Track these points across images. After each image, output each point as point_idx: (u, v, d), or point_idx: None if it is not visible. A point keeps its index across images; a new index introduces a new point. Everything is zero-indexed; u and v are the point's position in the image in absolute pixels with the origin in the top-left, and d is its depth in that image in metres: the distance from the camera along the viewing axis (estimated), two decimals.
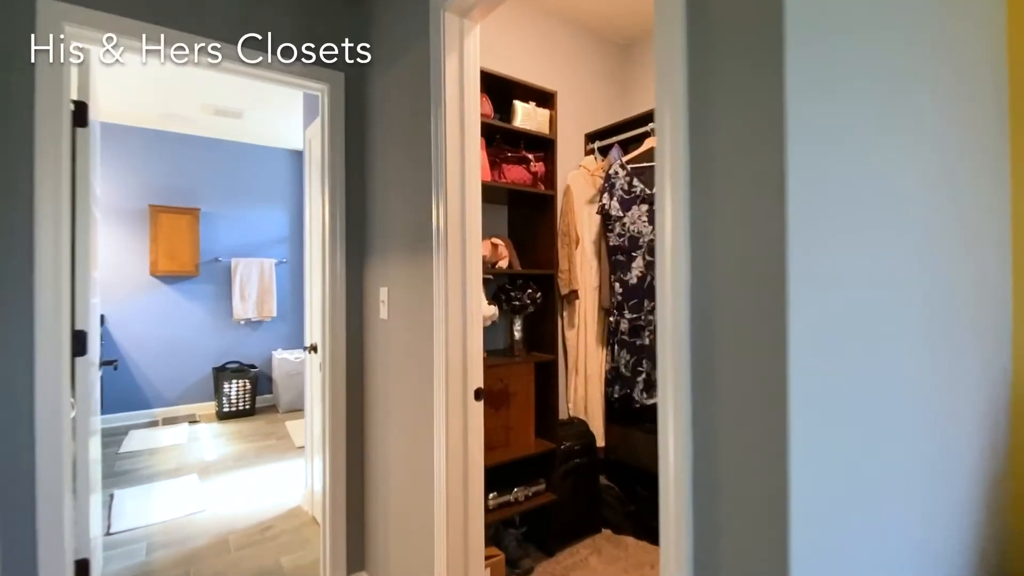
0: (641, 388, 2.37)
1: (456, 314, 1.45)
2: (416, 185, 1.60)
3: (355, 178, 2.01)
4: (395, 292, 1.75)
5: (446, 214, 1.45)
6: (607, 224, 2.46)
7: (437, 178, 1.47)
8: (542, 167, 2.15)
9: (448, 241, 1.45)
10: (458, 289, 1.46)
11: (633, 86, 2.94)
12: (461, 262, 1.47)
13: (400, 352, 1.72)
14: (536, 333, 2.29)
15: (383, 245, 1.85)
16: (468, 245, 1.48)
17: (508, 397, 2.10)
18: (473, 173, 1.50)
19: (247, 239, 5.03)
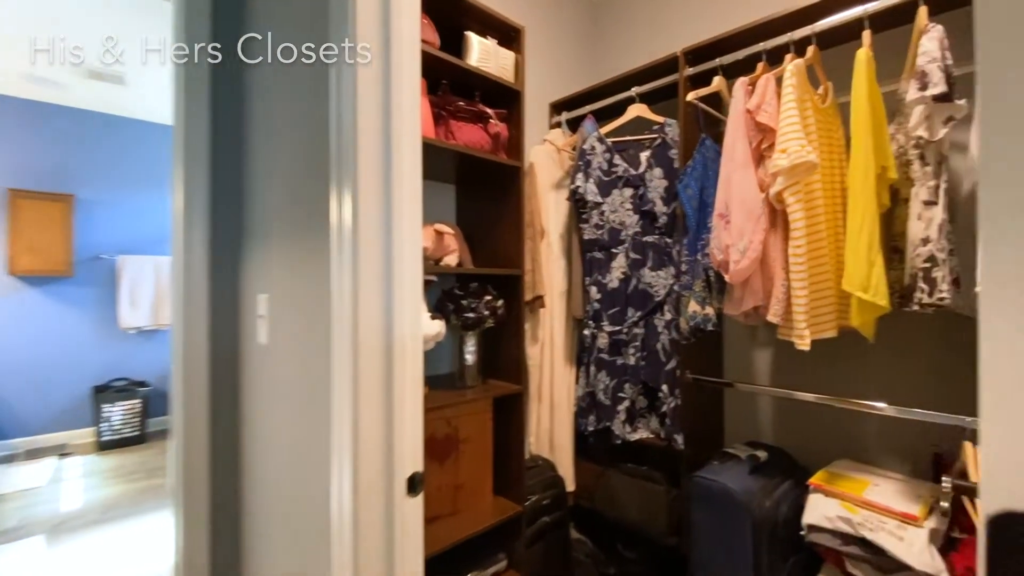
0: (623, 419, 1.74)
1: (373, 346, 0.72)
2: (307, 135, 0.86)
3: (227, 140, 1.22)
4: (279, 304, 0.99)
5: (355, 182, 0.73)
6: (581, 212, 1.81)
7: (339, 121, 0.74)
8: (504, 129, 1.46)
9: (360, 232, 0.73)
10: (378, 305, 0.74)
11: (608, 46, 2.33)
12: (383, 264, 0.75)
13: (284, 405, 0.96)
14: (495, 354, 1.60)
15: (264, 231, 1.09)
16: (399, 236, 0.76)
17: (457, 445, 1.39)
18: (408, 121, 0.78)
19: (137, 233, 3.92)
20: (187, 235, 1.19)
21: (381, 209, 0.75)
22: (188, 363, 1.17)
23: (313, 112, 0.83)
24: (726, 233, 1.30)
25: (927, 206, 1.09)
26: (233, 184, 1.21)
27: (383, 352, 0.73)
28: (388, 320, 0.73)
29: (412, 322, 0.77)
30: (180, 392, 1.14)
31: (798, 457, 1.61)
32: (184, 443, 1.17)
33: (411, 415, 0.77)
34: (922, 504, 1.17)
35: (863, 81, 1.15)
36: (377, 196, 0.74)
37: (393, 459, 0.73)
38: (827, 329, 1.24)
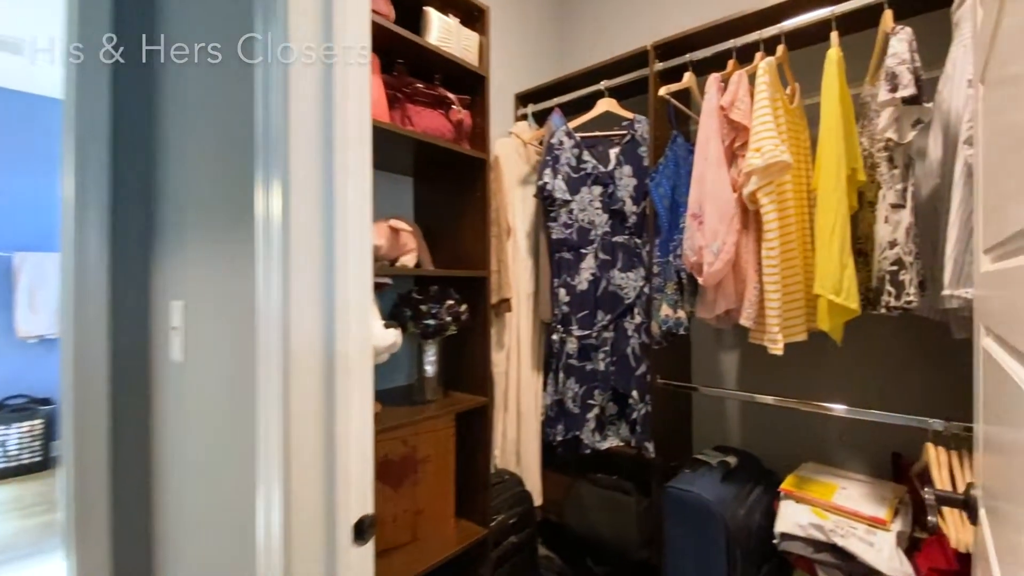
0: (593, 427, 1.71)
1: (309, 365, 0.62)
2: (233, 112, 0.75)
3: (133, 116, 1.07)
4: (198, 314, 0.86)
5: (286, 168, 0.63)
6: (549, 210, 1.76)
7: (266, 92, 0.64)
8: (468, 117, 1.38)
9: (292, 228, 0.63)
10: (316, 314, 0.64)
11: (576, 37, 2.30)
12: (323, 266, 0.65)
13: (205, 436, 0.84)
14: (458, 363, 1.51)
15: (179, 226, 0.95)
16: (343, 232, 0.67)
17: (416, 466, 1.30)
18: (354, 95, 0.69)
19: (38, 227, 3.51)
20: (80, 229, 1.02)
21: (320, 200, 0.65)
22: (82, 381, 1.01)
23: (239, 82, 0.72)
24: (699, 234, 1.29)
25: (895, 209, 1.12)
26: (140, 170, 1.06)
27: (322, 372, 0.64)
28: (329, 333, 0.64)
29: (359, 335, 0.68)
30: (71, 415, 0.98)
31: (765, 460, 1.64)
32: (77, 474, 1.01)
33: (358, 447, 0.67)
34: (887, 506, 1.21)
35: (835, 80, 1.16)
36: (315, 185, 0.65)
37: (335, 501, 0.64)
38: (798, 332, 1.26)
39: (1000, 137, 0.60)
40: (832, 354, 1.54)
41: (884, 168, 1.15)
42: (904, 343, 1.46)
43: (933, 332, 1.36)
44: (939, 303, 1.14)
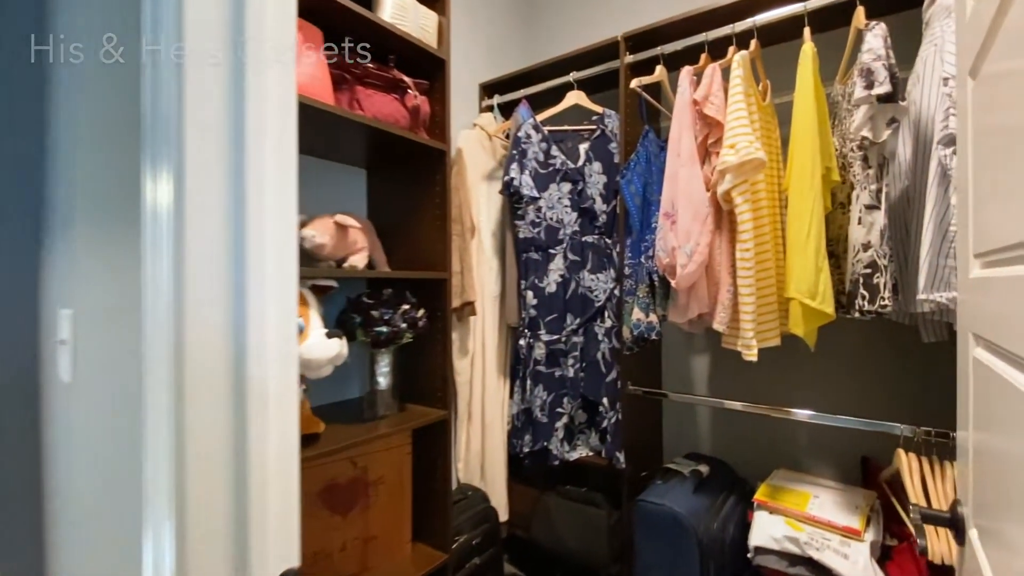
0: (561, 437, 1.66)
1: (212, 389, 0.52)
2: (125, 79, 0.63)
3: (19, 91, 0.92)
4: (90, 325, 0.74)
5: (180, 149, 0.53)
6: (516, 208, 1.69)
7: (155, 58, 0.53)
8: (426, 103, 1.29)
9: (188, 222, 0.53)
10: (221, 327, 0.54)
11: (544, 25, 2.23)
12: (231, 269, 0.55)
13: (96, 475, 0.71)
14: (416, 372, 1.42)
15: (66, 220, 0.82)
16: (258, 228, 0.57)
17: (367, 489, 1.19)
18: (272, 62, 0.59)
19: None
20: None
21: (225, 188, 0.55)
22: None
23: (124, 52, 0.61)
24: (672, 234, 1.24)
25: (869, 210, 1.11)
26: (25, 166, 0.92)
27: (230, 398, 0.54)
28: (238, 350, 0.54)
29: (281, 353, 0.58)
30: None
31: (737, 467, 1.63)
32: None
33: (279, 487, 0.58)
34: (860, 515, 1.20)
35: (809, 77, 1.14)
36: (219, 171, 0.54)
37: (248, 554, 0.54)
38: (772, 338, 1.24)
39: (997, 135, 0.57)
40: (802, 358, 1.54)
41: (858, 168, 1.14)
42: (872, 347, 1.47)
43: (902, 336, 1.37)
44: (911, 307, 1.14)
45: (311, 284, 1.15)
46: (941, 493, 1.05)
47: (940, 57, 1.02)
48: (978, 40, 0.61)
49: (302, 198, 0.61)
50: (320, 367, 1.01)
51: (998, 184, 0.57)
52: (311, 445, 1.08)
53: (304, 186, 1.04)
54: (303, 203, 0.62)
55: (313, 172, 1.35)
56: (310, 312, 1.09)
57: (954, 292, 0.98)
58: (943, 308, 1.02)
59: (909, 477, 1.10)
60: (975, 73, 0.64)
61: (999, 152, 0.56)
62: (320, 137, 1.19)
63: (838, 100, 1.27)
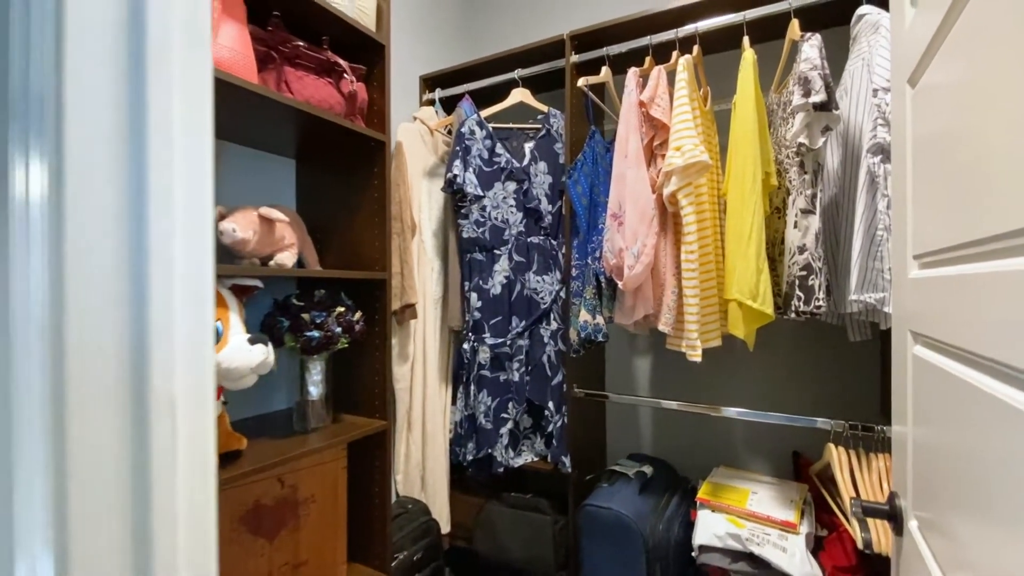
0: (506, 443, 1.60)
1: (107, 409, 0.42)
2: None
3: None
4: None
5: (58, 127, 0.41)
6: (459, 206, 1.62)
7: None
8: (363, 90, 1.18)
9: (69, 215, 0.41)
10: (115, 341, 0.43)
11: (488, 19, 2.18)
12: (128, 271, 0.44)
13: None
14: (351, 380, 1.30)
15: None
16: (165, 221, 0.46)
17: (296, 509, 1.07)
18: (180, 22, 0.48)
19: None
20: None
21: (121, 175, 0.44)
22: None
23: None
24: (619, 235, 1.23)
25: (804, 214, 1.15)
26: None
27: (127, 418, 0.43)
28: (137, 359, 0.43)
29: (194, 359, 0.48)
30: None
31: (677, 466, 1.65)
32: None
33: (192, 517, 0.47)
34: (795, 508, 1.24)
35: (750, 83, 1.17)
36: (111, 154, 0.44)
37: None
38: (714, 338, 1.25)
39: (936, 142, 0.58)
40: (739, 358, 1.59)
41: (794, 174, 1.18)
42: (802, 346, 1.55)
43: (829, 335, 1.45)
44: (841, 307, 1.20)
45: (231, 284, 1.01)
46: (869, 484, 1.10)
47: (868, 70, 1.08)
48: (917, 52, 0.62)
49: (222, 189, 0.51)
50: (241, 376, 0.89)
51: (936, 189, 0.58)
52: (231, 464, 0.96)
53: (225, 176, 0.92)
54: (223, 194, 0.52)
55: (236, 161, 1.21)
56: (230, 315, 0.96)
57: (882, 293, 1.03)
58: (870, 308, 1.07)
59: (839, 470, 1.15)
60: (914, 82, 0.66)
61: (937, 159, 0.58)
62: (243, 121, 1.06)
63: (774, 109, 1.32)
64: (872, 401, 1.43)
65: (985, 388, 0.44)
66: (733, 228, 1.17)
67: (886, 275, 1.01)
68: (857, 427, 1.19)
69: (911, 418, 0.67)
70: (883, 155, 1.00)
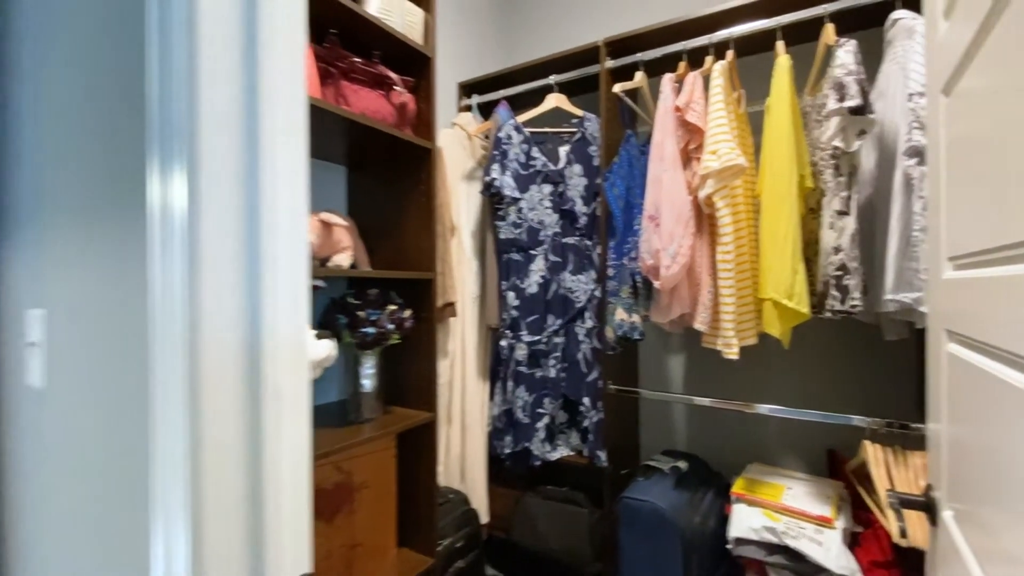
0: (543, 438, 1.66)
1: (228, 399, 0.49)
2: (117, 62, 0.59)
3: None
4: (69, 327, 0.68)
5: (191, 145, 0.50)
6: (497, 208, 1.69)
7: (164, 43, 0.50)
8: (412, 101, 1.26)
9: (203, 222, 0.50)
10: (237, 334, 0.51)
11: (523, 27, 2.24)
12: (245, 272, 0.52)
13: (77, 489, 0.66)
14: (399, 375, 1.39)
15: (35, 213, 0.75)
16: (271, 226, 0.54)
17: (351, 494, 1.16)
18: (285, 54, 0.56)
19: None
20: None
21: (240, 184, 0.52)
22: None
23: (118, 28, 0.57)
24: (656, 236, 1.27)
25: (839, 216, 1.17)
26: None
27: (245, 402, 0.51)
28: (253, 351, 0.51)
29: (294, 352, 0.56)
30: None
31: (710, 463, 1.68)
32: None
33: (293, 490, 0.55)
34: (831, 504, 1.26)
35: (786, 87, 1.19)
36: (233, 166, 0.52)
37: (264, 562, 0.52)
38: (750, 336, 1.28)
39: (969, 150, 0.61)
40: (772, 356, 1.61)
41: (829, 176, 1.20)
42: (836, 344, 1.55)
43: (864, 334, 1.46)
44: (876, 307, 1.21)
45: None
46: (905, 481, 1.12)
47: (904, 74, 1.09)
48: (951, 63, 0.65)
49: None
50: (311, 370, 0.97)
51: (970, 193, 0.61)
52: None
53: None
54: None
55: None
56: None
57: (917, 292, 1.05)
58: (906, 307, 1.09)
59: (875, 467, 1.17)
60: (948, 91, 0.68)
61: (971, 165, 0.61)
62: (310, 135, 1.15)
63: (807, 111, 1.33)
64: (907, 399, 1.43)
65: (1018, 384, 0.47)
66: (768, 228, 1.20)
67: (921, 275, 1.03)
68: (894, 424, 1.21)
69: (946, 414, 0.70)
70: (919, 158, 1.02)
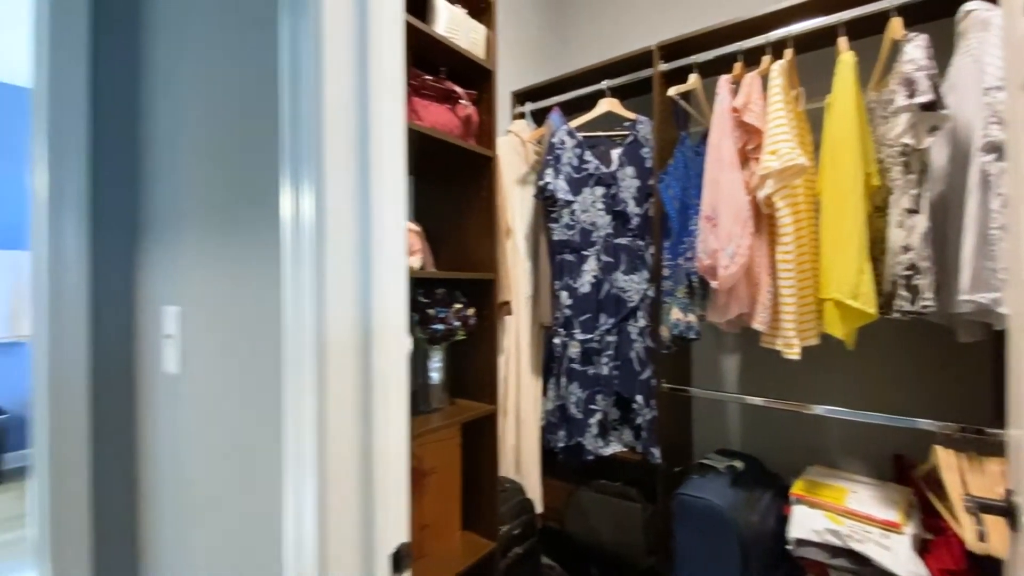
0: (596, 433, 1.69)
1: (346, 383, 0.57)
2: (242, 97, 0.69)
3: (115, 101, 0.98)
4: (199, 321, 0.79)
5: (319, 166, 0.58)
6: (550, 211, 1.74)
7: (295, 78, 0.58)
8: (475, 113, 1.34)
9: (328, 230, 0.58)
10: (352, 328, 0.59)
11: (573, 35, 2.28)
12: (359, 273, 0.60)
13: (209, 458, 0.76)
14: (462, 369, 1.46)
15: (171, 223, 0.87)
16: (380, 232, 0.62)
17: (422, 479, 1.24)
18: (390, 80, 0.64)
19: None
20: (55, 226, 0.94)
21: (355, 197, 0.60)
22: (58, 388, 0.92)
23: (251, 61, 0.66)
24: (713, 237, 1.28)
25: (909, 214, 1.14)
26: (126, 161, 0.98)
27: (359, 391, 0.59)
28: (365, 342, 0.59)
29: (396, 344, 0.63)
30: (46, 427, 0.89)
31: (766, 464, 1.65)
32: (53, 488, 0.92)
33: (396, 466, 0.63)
34: (899, 509, 1.22)
35: (850, 84, 1.17)
36: (349, 180, 0.59)
37: (374, 528, 0.59)
38: (812, 336, 1.27)
39: None
40: (832, 357, 1.57)
41: (897, 173, 1.17)
42: (903, 346, 1.50)
43: (934, 335, 1.40)
44: (950, 307, 1.17)
45: None
46: (980, 487, 1.08)
47: (979, 67, 1.05)
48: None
49: None
50: None
51: None
52: None
53: None
54: None
55: None
56: None
57: (995, 293, 1.01)
58: (983, 308, 1.05)
59: (948, 472, 1.13)
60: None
61: None
62: None
63: (872, 107, 1.30)
64: (981, 403, 1.36)
65: None
66: (831, 227, 1.19)
67: (1000, 275, 0.99)
68: (968, 429, 1.16)
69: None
70: (996, 153, 0.98)
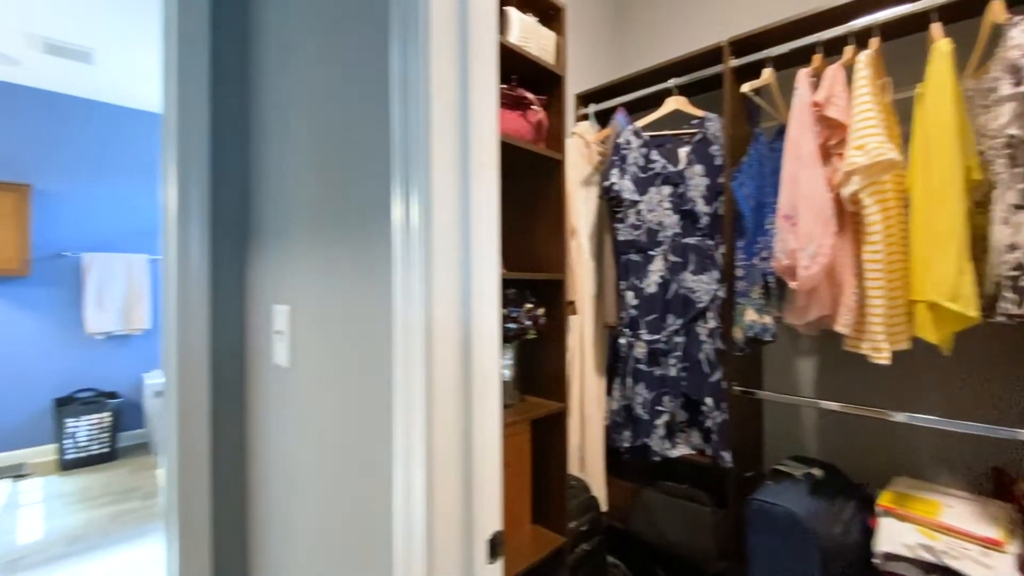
0: (663, 435, 1.68)
1: (449, 378, 0.62)
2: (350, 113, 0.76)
3: (232, 121, 1.10)
4: (307, 320, 0.87)
5: (427, 178, 0.63)
6: (615, 211, 1.74)
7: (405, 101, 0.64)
8: (545, 118, 1.37)
9: (435, 237, 0.64)
10: (454, 328, 0.64)
11: (637, 35, 2.25)
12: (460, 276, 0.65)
13: (318, 446, 0.85)
14: (533, 367, 1.50)
15: (281, 230, 0.97)
16: (478, 238, 0.68)
17: None
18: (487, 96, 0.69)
19: (106, 228, 3.67)
20: (182, 235, 1.07)
21: (457, 205, 0.65)
22: (185, 371, 1.05)
23: (359, 79, 0.72)
24: (792, 236, 1.24)
25: (1016, 210, 1.05)
26: (238, 174, 1.09)
27: (461, 386, 0.64)
28: (466, 340, 0.63)
29: (491, 342, 0.68)
30: (175, 400, 1.02)
31: (847, 473, 1.57)
32: (181, 459, 1.04)
33: (491, 456, 0.67)
34: (1001, 527, 1.13)
35: (947, 73, 1.10)
36: (452, 191, 0.65)
37: (473, 517, 0.63)
38: (902, 340, 1.20)
39: None
40: (921, 362, 1.46)
41: (1000, 166, 1.08)
42: (1004, 351, 1.37)
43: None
44: None
45: None
46: None
47: None
48: None
49: None
50: None
51: None
52: None
53: None
54: None
55: None
56: None
57: None
58: None
59: None
60: None
61: None
62: None
63: (969, 96, 1.21)
64: None
65: None
66: (923, 225, 1.12)
67: None
68: None
69: None
70: None
